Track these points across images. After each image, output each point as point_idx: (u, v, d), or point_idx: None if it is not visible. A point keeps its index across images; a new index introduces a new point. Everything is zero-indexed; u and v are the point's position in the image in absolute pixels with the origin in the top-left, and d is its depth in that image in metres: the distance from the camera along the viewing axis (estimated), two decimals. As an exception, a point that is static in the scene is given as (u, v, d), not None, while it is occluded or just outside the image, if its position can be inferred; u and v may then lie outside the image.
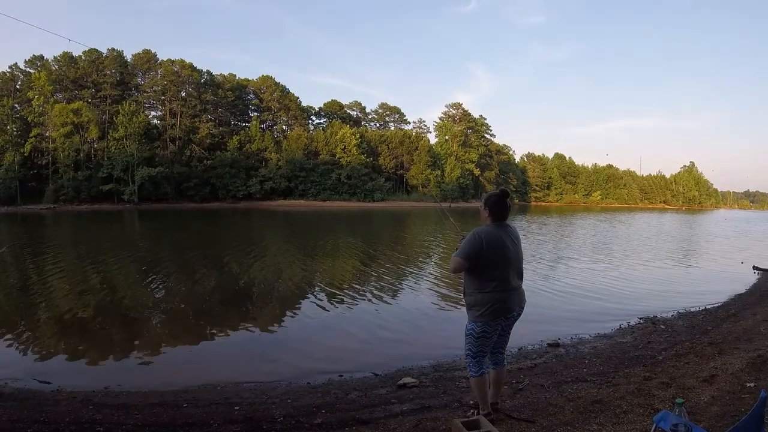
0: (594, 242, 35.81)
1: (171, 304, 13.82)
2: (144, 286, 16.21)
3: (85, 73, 78.12)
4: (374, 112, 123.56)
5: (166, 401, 6.80)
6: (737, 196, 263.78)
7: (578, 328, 11.58)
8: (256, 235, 36.21)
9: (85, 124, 70.94)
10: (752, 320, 11.36)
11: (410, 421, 5.61)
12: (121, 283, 16.80)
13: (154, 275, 17.86)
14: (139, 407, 6.43)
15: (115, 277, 17.53)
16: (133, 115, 72.67)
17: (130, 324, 11.85)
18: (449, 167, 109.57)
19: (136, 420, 5.92)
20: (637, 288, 17.46)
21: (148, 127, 78.66)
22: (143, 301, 14.02)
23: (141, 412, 6.21)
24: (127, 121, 72.12)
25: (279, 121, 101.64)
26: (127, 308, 13.29)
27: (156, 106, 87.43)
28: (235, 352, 9.90)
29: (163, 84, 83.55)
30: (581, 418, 5.24)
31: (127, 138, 72.56)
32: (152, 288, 15.90)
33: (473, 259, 4.80)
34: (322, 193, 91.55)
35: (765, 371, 6.74)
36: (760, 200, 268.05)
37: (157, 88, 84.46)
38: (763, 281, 18.87)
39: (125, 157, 71.02)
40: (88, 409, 6.24)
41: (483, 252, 4.77)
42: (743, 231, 56.58)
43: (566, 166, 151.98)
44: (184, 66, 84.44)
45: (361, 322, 12.33)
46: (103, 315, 12.29)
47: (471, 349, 4.97)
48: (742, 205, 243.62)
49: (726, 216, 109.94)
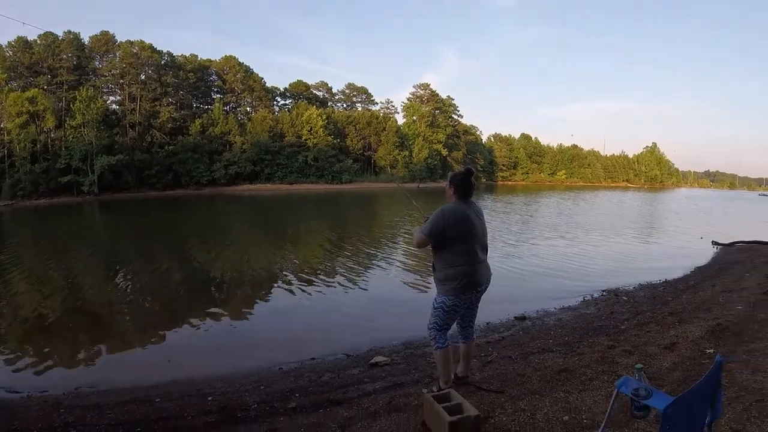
0: (558, 220, 36.19)
1: (137, 298, 13.67)
2: (108, 280, 16.02)
3: (41, 59, 75.20)
4: (341, 92, 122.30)
5: (138, 398, 6.80)
6: (698, 175, 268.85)
7: (544, 301, 11.83)
8: (222, 222, 35.84)
9: (41, 112, 67.90)
10: (711, 291, 11.66)
11: (383, 398, 5.74)
12: (84, 279, 16.55)
13: (118, 269, 17.62)
14: (111, 406, 6.43)
15: (78, 274, 17.23)
16: (90, 101, 70.08)
17: (96, 321, 11.74)
18: (417, 148, 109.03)
19: (109, 419, 5.93)
20: (600, 263, 17.79)
21: (106, 113, 75.95)
22: (108, 297, 13.85)
23: (113, 411, 6.21)
24: (84, 108, 69.40)
25: (243, 103, 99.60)
26: (92, 305, 13.15)
27: (114, 90, 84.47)
28: (205, 342, 9.89)
29: (121, 67, 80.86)
30: (548, 387, 5.41)
31: (85, 125, 69.91)
32: (117, 282, 15.63)
33: (437, 236, 4.91)
34: (289, 176, 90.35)
35: (724, 338, 6.97)
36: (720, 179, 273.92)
37: (116, 72, 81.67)
38: (721, 255, 19.33)
39: (83, 145, 68.42)
40: (59, 413, 6.22)
41: (449, 228, 4.87)
42: (703, 208, 57.74)
43: (532, 146, 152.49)
44: (144, 47, 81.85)
45: (331, 305, 12.43)
46: (67, 314, 12.07)
47: (437, 322, 5.07)
48: (703, 184, 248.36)
49: (686, 194, 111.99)
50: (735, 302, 9.75)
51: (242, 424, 5.52)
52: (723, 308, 9.25)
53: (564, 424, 4.41)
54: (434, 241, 4.97)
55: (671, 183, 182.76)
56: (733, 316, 8.37)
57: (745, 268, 15.21)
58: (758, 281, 12.11)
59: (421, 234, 5.01)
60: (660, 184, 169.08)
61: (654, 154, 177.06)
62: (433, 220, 4.96)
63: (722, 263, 17.15)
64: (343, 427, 4.83)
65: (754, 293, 10.51)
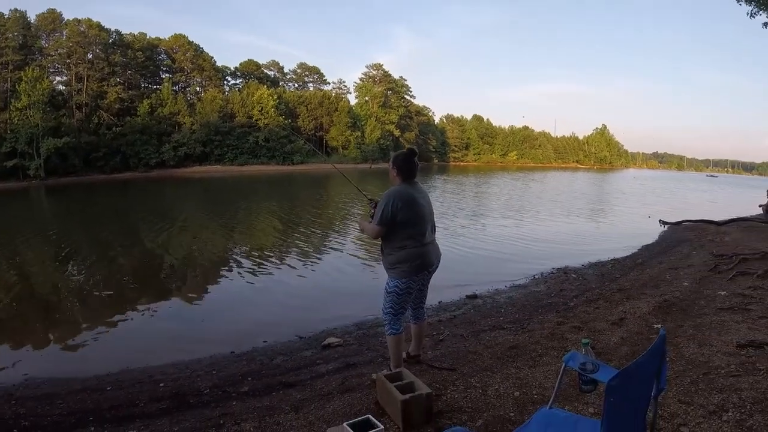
0: (509, 201, 36.68)
1: (86, 286, 13.37)
2: (57, 268, 15.67)
3: (-14, 38, 73.11)
4: (293, 72, 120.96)
5: (89, 386, 6.71)
6: (646, 156, 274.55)
7: (495, 280, 11.95)
8: (172, 206, 35.34)
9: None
10: (658, 268, 11.91)
11: (336, 379, 5.76)
12: (32, 267, 16.17)
13: (67, 256, 17.24)
14: (62, 396, 6.33)
15: (25, 261, 16.76)
16: (36, 82, 67.44)
17: (45, 310, 11.50)
18: (369, 128, 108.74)
19: (60, 409, 5.84)
20: (550, 242, 18.05)
21: (53, 94, 73.24)
22: (57, 285, 13.61)
23: (65, 401, 6.12)
24: (30, 89, 66.98)
25: (192, 83, 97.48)
26: (41, 294, 12.95)
27: (61, 70, 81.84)
28: (156, 329, 9.78)
29: (68, 46, 78.32)
30: (499, 363, 5.48)
31: (30, 107, 67.36)
32: (65, 270, 15.34)
33: (388, 222, 4.86)
34: (240, 157, 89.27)
35: (671, 314, 7.12)
36: (668, 160, 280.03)
37: (62, 51, 79.13)
38: (669, 233, 19.74)
39: (29, 128, 66.08)
40: (10, 405, 6.09)
41: (398, 212, 4.83)
42: (651, 188, 59.05)
43: (484, 127, 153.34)
44: (91, 26, 79.62)
45: (283, 288, 12.43)
46: (15, 303, 11.80)
47: (393, 307, 5.04)
48: (651, 165, 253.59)
49: (635, 175, 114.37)
50: (682, 279, 9.97)
51: (195, 409, 5.48)
52: (670, 285, 9.46)
53: (515, 399, 4.47)
54: (387, 228, 4.93)
55: (620, 164, 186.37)
56: (680, 292, 8.56)
57: (691, 246, 15.53)
58: (704, 259, 12.39)
59: (373, 225, 4.95)
60: (609, 165, 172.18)
61: (604, 136, 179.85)
62: (381, 207, 4.90)
63: (669, 241, 17.51)
64: (296, 409, 4.81)
65: (700, 270, 10.76)
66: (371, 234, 5.04)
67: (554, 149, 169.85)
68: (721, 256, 12.23)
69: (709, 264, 11.38)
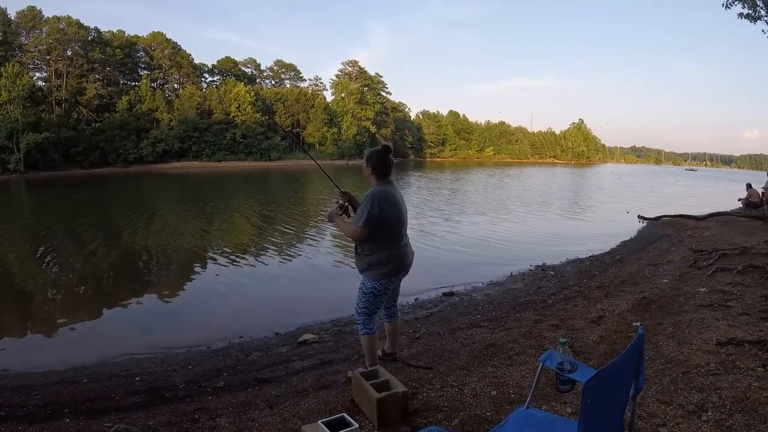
0: (486, 197, 36.73)
1: (64, 279, 13.29)
2: (34, 261, 15.50)
3: (-34, 34, 72.60)
4: (269, 69, 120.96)
5: (65, 378, 6.67)
6: (624, 151, 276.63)
7: (472, 277, 11.92)
8: (150, 201, 35.02)
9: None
10: (637, 265, 11.93)
11: (312, 376, 5.73)
12: (9, 259, 16.01)
13: (45, 249, 17.00)
14: (38, 387, 6.29)
15: (3, 254, 16.62)
16: (16, 78, 67.45)
17: (22, 302, 11.44)
18: (346, 125, 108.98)
19: (36, 400, 5.78)
20: (527, 239, 18.09)
21: (32, 90, 73.05)
22: (35, 278, 13.46)
23: (41, 392, 6.06)
24: (10, 85, 66.78)
25: (170, 80, 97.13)
26: (19, 286, 12.83)
27: (41, 66, 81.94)
28: (133, 323, 9.70)
29: (48, 43, 78.06)
30: (476, 362, 5.43)
31: (10, 102, 67.21)
32: (43, 263, 15.14)
33: (373, 225, 4.73)
34: (217, 153, 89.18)
35: (650, 311, 7.11)
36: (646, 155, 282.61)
37: (42, 48, 78.82)
38: (647, 229, 19.82)
39: (9, 123, 65.93)
40: (-14, 395, 6.01)
41: (384, 214, 4.73)
42: (629, 183, 59.44)
43: (460, 123, 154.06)
44: (71, 23, 79.37)
45: (259, 284, 12.42)
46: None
47: (367, 307, 4.96)
48: (629, 159, 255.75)
49: (613, 170, 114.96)
50: (661, 276, 9.98)
51: (170, 403, 5.45)
52: (649, 282, 9.46)
53: (492, 398, 4.42)
54: (370, 231, 4.80)
55: (598, 158, 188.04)
56: (659, 289, 8.56)
57: (670, 241, 15.59)
58: (683, 255, 12.42)
59: (356, 227, 4.78)
60: (587, 160, 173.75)
61: (581, 131, 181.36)
62: (367, 210, 4.72)
63: (648, 237, 17.58)
64: (271, 405, 4.77)
65: (680, 267, 10.77)
66: (352, 235, 4.88)
67: (531, 144, 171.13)
68: (700, 251, 12.26)
69: (688, 260, 11.40)
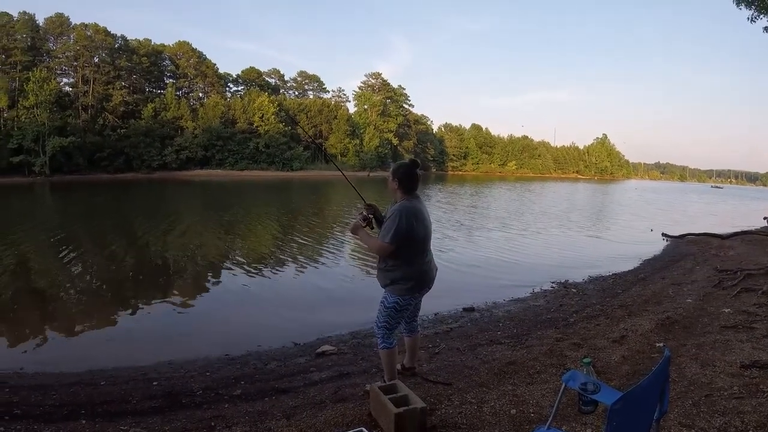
0: (508, 211, 36.47)
1: (85, 281, 13.44)
2: (57, 263, 15.58)
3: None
4: (293, 80, 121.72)
5: (83, 380, 6.67)
6: (648, 167, 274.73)
7: (493, 293, 11.79)
8: (173, 207, 35.41)
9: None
10: (661, 284, 11.79)
11: (329, 388, 5.68)
12: (33, 260, 16.20)
13: (68, 251, 17.12)
14: (56, 387, 6.29)
15: (26, 255, 16.84)
16: (44, 83, 68.59)
17: (44, 303, 11.51)
18: (368, 136, 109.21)
19: (53, 400, 5.79)
20: (550, 255, 17.91)
21: (59, 95, 74.42)
22: (57, 279, 13.56)
23: (58, 392, 6.07)
24: (38, 89, 67.99)
25: (195, 89, 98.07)
26: (41, 286, 12.92)
27: (68, 72, 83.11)
28: (152, 327, 9.73)
29: (75, 49, 79.29)
30: (496, 379, 5.37)
31: (38, 106, 68.40)
32: (66, 265, 15.26)
33: (400, 241, 4.64)
34: (240, 162, 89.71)
35: (673, 332, 7.01)
36: (670, 171, 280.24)
37: (70, 54, 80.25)
38: (671, 247, 19.60)
39: (36, 126, 67.12)
40: (4, 392, 6.05)
41: (412, 230, 4.66)
42: (652, 200, 58.79)
43: (483, 136, 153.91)
44: (98, 30, 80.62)
45: (279, 293, 12.37)
46: (14, 294, 11.87)
47: (388, 322, 4.88)
48: (653, 175, 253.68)
49: (636, 186, 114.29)
50: (685, 295, 9.86)
51: (187, 409, 5.45)
52: (673, 301, 9.35)
53: (511, 417, 4.36)
54: (396, 247, 4.71)
55: (621, 174, 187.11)
56: (683, 309, 8.45)
57: (695, 260, 15.43)
58: (708, 274, 12.28)
59: (382, 242, 4.69)
60: (610, 176, 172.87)
61: (604, 146, 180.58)
62: (395, 225, 4.63)
63: (672, 256, 17.38)
64: (288, 416, 4.74)
65: (704, 286, 10.65)
66: (377, 251, 4.82)
67: (554, 159, 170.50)
68: (725, 271, 12.12)
69: (712, 279, 11.27)
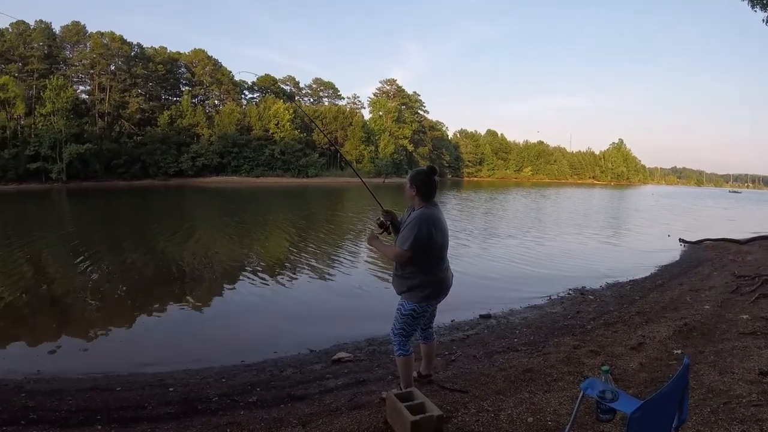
0: (524, 217, 36.37)
1: (102, 287, 13.38)
2: (73, 268, 15.67)
3: (12, 46, 74.01)
4: (308, 87, 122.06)
5: (99, 385, 6.69)
6: (664, 172, 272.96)
7: (509, 300, 11.72)
8: (189, 213, 35.63)
9: (11, 99, 66.70)
10: (679, 290, 11.69)
11: (345, 395, 5.67)
12: (50, 265, 16.32)
13: (84, 257, 17.20)
14: (71, 392, 6.32)
15: (43, 260, 16.98)
16: (60, 90, 69.07)
17: (60, 308, 11.57)
18: (383, 143, 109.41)
19: (69, 405, 5.83)
20: (567, 261, 17.77)
21: (76, 103, 74.79)
22: (73, 284, 13.60)
23: (74, 397, 6.10)
24: (54, 96, 68.57)
25: (211, 96, 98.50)
26: (57, 292, 12.96)
27: (84, 80, 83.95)
28: (168, 333, 9.74)
29: (92, 57, 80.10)
30: (513, 387, 5.34)
31: (54, 114, 69.15)
32: (82, 270, 15.32)
33: (418, 249, 4.66)
34: (256, 169, 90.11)
35: (691, 339, 6.96)
36: (687, 176, 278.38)
37: (86, 62, 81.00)
38: (689, 253, 19.44)
39: (53, 133, 67.69)
40: (20, 397, 6.10)
41: (431, 238, 4.67)
42: (669, 205, 58.38)
43: (498, 142, 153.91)
44: (114, 39, 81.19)
45: (295, 300, 12.34)
46: (31, 299, 11.93)
47: (404, 329, 4.90)
48: (670, 180, 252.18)
49: (653, 191, 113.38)
50: (703, 301, 9.78)
51: (202, 416, 5.45)
52: (690, 308, 9.27)
53: (528, 425, 4.33)
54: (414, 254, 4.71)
55: (638, 180, 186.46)
56: (700, 315, 8.39)
57: (712, 266, 15.29)
58: (725, 280, 12.17)
59: (402, 249, 4.70)
60: (626, 181, 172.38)
61: (621, 151, 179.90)
62: (414, 232, 4.65)
63: (690, 261, 17.24)
64: (303, 423, 4.74)
65: (722, 292, 10.56)
66: (395, 257, 4.82)
67: (570, 165, 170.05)
68: (743, 277, 12.02)
69: (730, 285, 11.17)
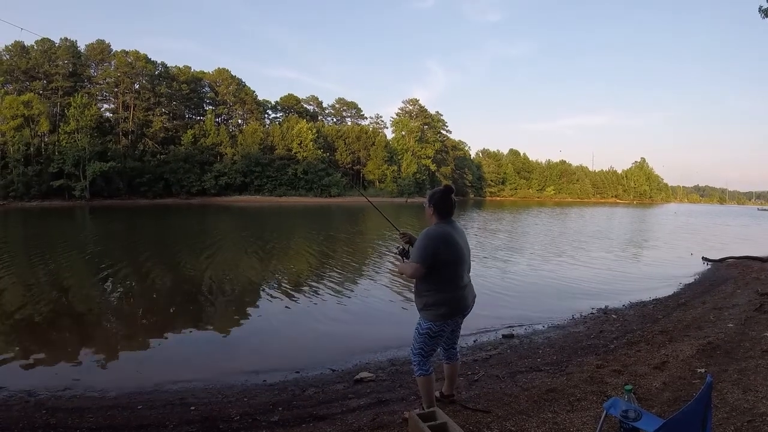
0: (546, 236, 36.16)
1: (124, 305, 13.48)
2: (96, 285, 15.81)
3: (37, 64, 75.70)
4: (331, 107, 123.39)
5: (120, 403, 6.70)
6: (687, 190, 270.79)
7: (532, 319, 11.62)
8: (211, 232, 35.70)
9: (36, 116, 68.37)
10: (702, 309, 11.58)
11: (367, 415, 5.64)
12: (72, 282, 16.37)
13: (106, 274, 17.37)
14: (93, 410, 6.34)
15: (66, 277, 17.07)
16: (85, 108, 70.50)
17: (82, 325, 11.59)
18: (406, 162, 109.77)
19: (90, 423, 5.84)
20: (589, 280, 17.62)
21: (100, 121, 76.31)
22: (95, 301, 13.67)
23: (95, 415, 6.12)
24: (78, 114, 70.01)
25: (234, 115, 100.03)
26: (80, 309, 12.99)
27: (109, 98, 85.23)
28: (190, 352, 9.73)
29: (116, 75, 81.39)
30: (536, 407, 5.31)
31: (78, 131, 70.42)
32: (105, 287, 15.47)
33: (428, 262, 4.69)
34: (278, 188, 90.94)
35: (715, 357, 6.90)
36: (709, 194, 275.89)
37: (110, 80, 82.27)
38: (712, 271, 19.23)
39: (76, 151, 68.90)
40: (41, 414, 6.13)
41: (439, 253, 4.68)
42: (692, 224, 57.76)
43: (520, 161, 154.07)
44: (138, 57, 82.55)
45: (317, 319, 12.24)
46: (54, 316, 11.96)
47: (423, 348, 4.90)
48: (692, 198, 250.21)
49: (676, 209, 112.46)
50: (726, 320, 9.68)
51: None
52: (714, 326, 9.18)
53: (551, 445, 4.31)
54: (426, 267, 4.73)
55: (660, 198, 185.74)
56: (724, 334, 8.30)
57: (735, 284, 15.13)
58: (749, 298, 12.05)
59: (415, 264, 4.74)
60: (649, 200, 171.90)
61: (643, 169, 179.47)
62: (422, 247, 4.74)
63: (712, 280, 17.06)
64: (325, 443, 4.71)
65: (746, 310, 10.45)
66: (408, 272, 4.84)
67: (592, 184, 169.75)
68: (766, 294, 11.89)
69: (754, 303, 11.06)
